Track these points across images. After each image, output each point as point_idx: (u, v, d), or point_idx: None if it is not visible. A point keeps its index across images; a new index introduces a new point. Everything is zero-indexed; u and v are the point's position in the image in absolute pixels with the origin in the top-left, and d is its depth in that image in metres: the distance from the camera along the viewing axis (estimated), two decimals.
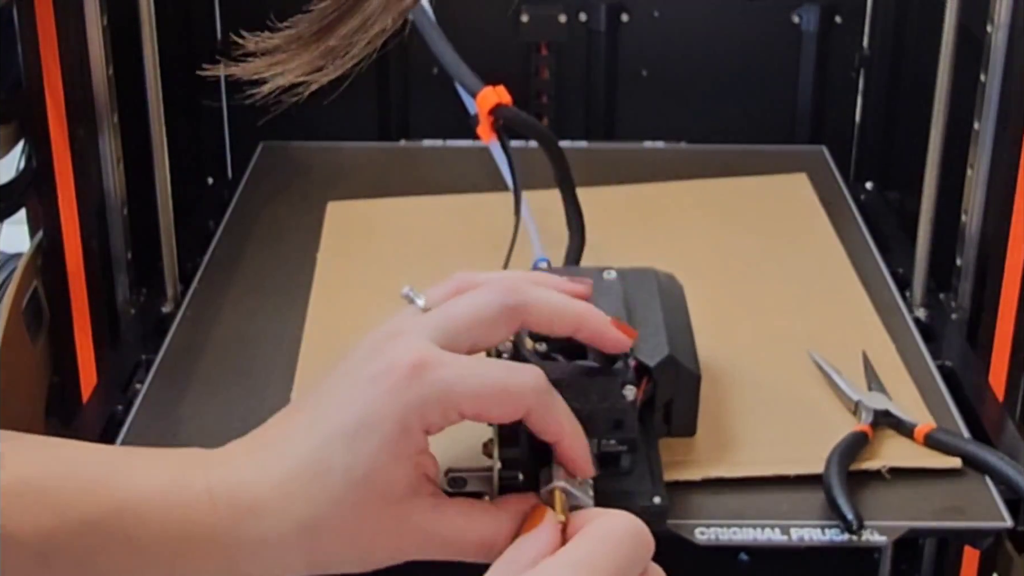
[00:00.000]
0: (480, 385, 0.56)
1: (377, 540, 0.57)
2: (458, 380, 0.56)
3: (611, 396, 0.62)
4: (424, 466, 0.57)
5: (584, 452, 0.59)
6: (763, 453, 0.70)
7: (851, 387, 0.75)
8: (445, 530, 0.57)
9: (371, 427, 0.55)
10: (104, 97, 0.86)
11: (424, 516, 0.57)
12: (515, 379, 0.57)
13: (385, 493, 0.56)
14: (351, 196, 1.01)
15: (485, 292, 0.60)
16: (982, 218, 0.88)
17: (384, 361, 0.56)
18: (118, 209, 0.90)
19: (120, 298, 0.91)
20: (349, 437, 0.55)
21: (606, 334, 0.62)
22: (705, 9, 1.12)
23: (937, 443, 0.71)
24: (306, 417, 0.57)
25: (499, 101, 0.81)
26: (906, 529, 0.66)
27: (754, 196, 1.01)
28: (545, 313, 0.60)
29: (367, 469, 0.55)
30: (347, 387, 0.57)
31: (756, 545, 0.65)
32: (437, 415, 0.56)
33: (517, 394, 0.57)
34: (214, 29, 1.13)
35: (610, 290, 0.69)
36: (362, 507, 0.56)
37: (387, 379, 0.56)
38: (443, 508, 0.58)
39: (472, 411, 0.56)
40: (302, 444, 0.56)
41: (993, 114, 0.86)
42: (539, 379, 0.57)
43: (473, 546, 0.57)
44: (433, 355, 0.56)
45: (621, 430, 0.62)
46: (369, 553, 0.57)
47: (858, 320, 0.84)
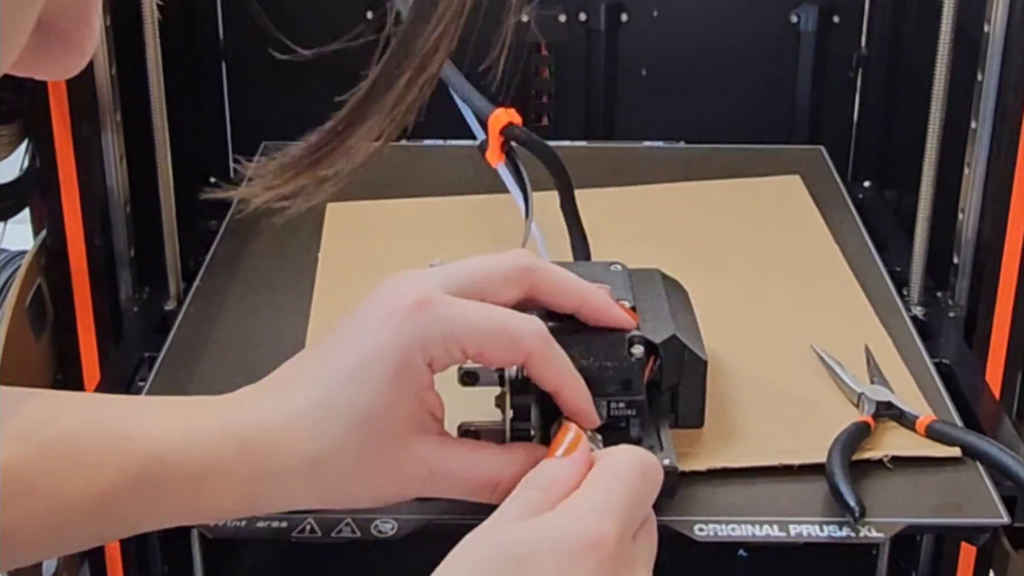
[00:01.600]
0: (482, 322, 0.58)
1: (383, 474, 0.58)
2: (460, 316, 0.57)
3: (619, 355, 0.63)
4: (429, 404, 0.59)
5: (586, 399, 0.60)
6: (766, 444, 0.71)
7: (853, 379, 0.75)
8: (450, 466, 0.58)
9: (375, 362, 0.57)
10: (107, 96, 0.87)
11: (430, 452, 0.58)
12: (516, 321, 0.59)
13: (390, 428, 0.57)
14: (351, 196, 1.01)
15: (500, 254, 0.62)
16: (979, 217, 0.89)
17: (390, 302, 0.58)
18: (121, 207, 0.90)
19: (123, 296, 0.92)
20: (353, 373, 0.57)
21: (608, 312, 0.63)
22: (704, 9, 1.13)
23: (938, 434, 0.71)
24: (313, 358, 0.59)
25: (510, 121, 0.82)
26: (904, 525, 0.66)
27: (748, 198, 1.01)
28: (553, 281, 0.62)
29: (371, 404, 0.57)
30: (354, 328, 0.59)
31: (755, 541, 0.66)
32: (439, 349, 0.57)
33: (518, 335, 0.58)
34: (216, 28, 1.14)
35: (616, 279, 0.70)
36: (367, 442, 0.57)
37: (391, 317, 0.57)
38: (449, 445, 0.59)
39: (474, 348, 0.58)
40: (309, 382, 0.58)
41: (990, 113, 0.87)
42: (540, 326, 0.59)
43: (478, 484, 0.59)
44: (437, 295, 0.58)
45: (629, 391, 0.63)
46: (376, 488, 0.59)
47: (855, 318, 0.84)
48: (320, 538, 0.65)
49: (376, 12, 1.13)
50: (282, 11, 1.14)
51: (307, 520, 0.66)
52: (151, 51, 0.87)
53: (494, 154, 0.83)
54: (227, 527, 0.66)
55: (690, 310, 0.73)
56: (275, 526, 0.66)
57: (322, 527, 0.66)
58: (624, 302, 0.66)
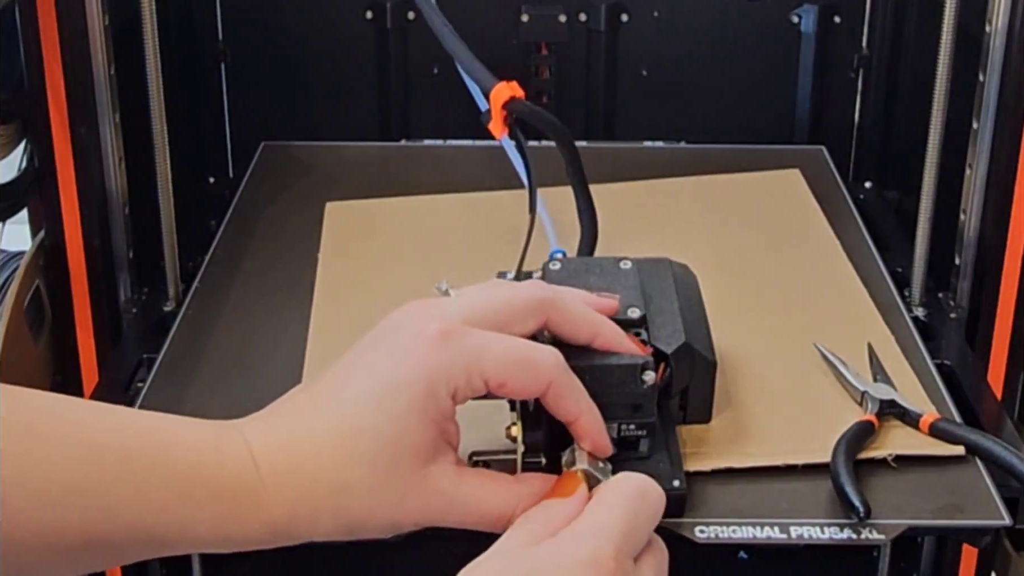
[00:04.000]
0: (504, 352, 0.58)
1: (404, 503, 0.58)
2: (484, 347, 0.58)
3: (630, 381, 0.63)
4: (449, 434, 0.59)
5: (601, 429, 0.61)
6: (770, 444, 0.71)
7: (857, 378, 0.75)
8: (467, 497, 0.59)
9: (399, 389, 0.57)
10: (106, 97, 0.87)
11: (448, 481, 0.59)
12: (538, 351, 0.59)
13: (412, 455, 0.57)
14: (352, 196, 1.01)
15: (518, 284, 0.63)
16: (980, 217, 0.89)
17: (412, 330, 0.58)
18: (120, 208, 0.90)
19: (122, 297, 0.92)
20: (378, 399, 0.57)
21: (620, 347, 0.63)
22: (704, 9, 1.13)
23: (942, 432, 0.71)
24: (335, 382, 0.59)
25: (512, 95, 0.82)
26: (905, 527, 0.66)
27: (748, 192, 1.01)
28: (570, 313, 0.62)
29: (396, 431, 0.57)
30: (375, 353, 0.59)
31: (756, 543, 0.65)
32: (463, 380, 0.58)
33: (540, 365, 0.59)
34: (215, 28, 1.14)
35: (627, 279, 0.70)
36: (391, 468, 0.57)
37: (415, 345, 0.58)
38: (466, 476, 0.60)
39: (496, 378, 0.58)
40: (333, 408, 0.58)
41: (991, 114, 0.86)
42: (559, 357, 0.60)
43: (492, 516, 0.59)
44: (460, 327, 0.58)
45: (640, 414, 0.63)
46: (396, 516, 0.59)
47: (858, 315, 0.84)
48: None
49: (376, 12, 1.13)
50: (282, 11, 1.14)
51: None
52: (150, 51, 0.87)
53: (497, 127, 0.82)
54: None
55: (699, 303, 0.73)
56: None
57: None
58: (635, 309, 0.67)
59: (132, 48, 0.88)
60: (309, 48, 1.14)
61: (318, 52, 1.14)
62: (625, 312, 0.67)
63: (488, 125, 0.83)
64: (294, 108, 1.16)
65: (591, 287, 0.68)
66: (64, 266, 0.86)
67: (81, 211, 0.85)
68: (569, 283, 0.68)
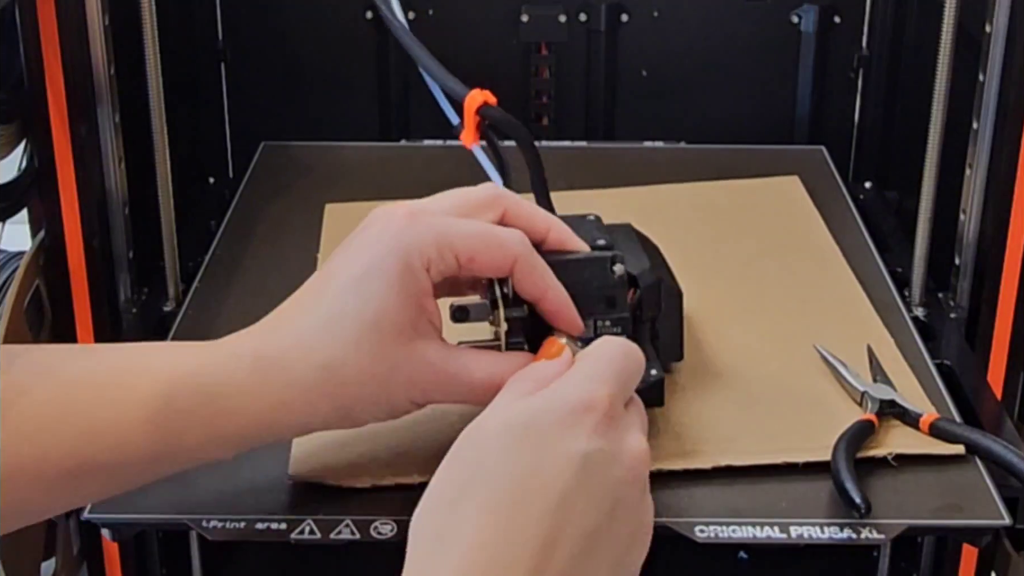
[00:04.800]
0: (471, 229, 0.63)
1: (393, 378, 0.62)
2: (451, 224, 0.63)
3: (602, 274, 0.67)
4: (429, 311, 0.63)
5: (569, 306, 0.65)
6: (770, 443, 0.71)
7: (856, 378, 0.75)
8: (455, 367, 0.62)
9: (376, 270, 0.61)
10: (106, 97, 0.87)
11: (435, 354, 0.62)
12: (502, 230, 0.64)
13: (396, 331, 0.61)
14: (352, 196, 1.01)
15: (472, 187, 0.67)
16: (980, 217, 0.89)
17: (381, 221, 0.63)
18: (120, 208, 0.90)
19: (122, 297, 0.92)
20: (357, 283, 0.61)
21: (572, 239, 0.68)
22: (704, 10, 1.13)
23: (942, 432, 0.71)
24: (317, 281, 0.64)
25: (485, 101, 0.83)
26: (905, 527, 0.66)
27: (747, 199, 1.01)
28: (524, 207, 0.66)
29: (377, 309, 0.61)
30: (350, 249, 0.63)
31: (756, 543, 0.65)
32: (434, 252, 0.62)
33: (505, 241, 0.63)
34: (215, 28, 1.14)
35: (593, 226, 0.73)
36: (376, 346, 0.61)
37: (386, 231, 0.62)
38: (452, 349, 0.64)
39: (465, 253, 0.62)
40: (317, 301, 0.63)
41: (991, 114, 0.87)
42: (523, 235, 0.64)
43: (481, 384, 0.62)
44: (425, 209, 0.63)
45: (614, 308, 0.67)
46: (389, 393, 0.62)
47: (857, 317, 0.84)
48: (319, 540, 0.65)
49: (376, 12, 1.13)
50: (282, 11, 1.14)
51: (306, 522, 0.66)
52: (150, 51, 0.87)
53: (469, 136, 0.84)
54: (226, 528, 0.66)
55: (662, 257, 0.77)
56: (274, 527, 0.66)
57: (321, 529, 0.66)
58: (602, 240, 0.70)
59: (132, 48, 0.88)
60: (309, 48, 1.15)
61: (318, 52, 1.14)
62: (593, 243, 0.70)
63: (460, 135, 0.85)
64: (294, 108, 1.16)
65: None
66: (64, 266, 0.86)
67: (81, 211, 0.85)
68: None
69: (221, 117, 1.16)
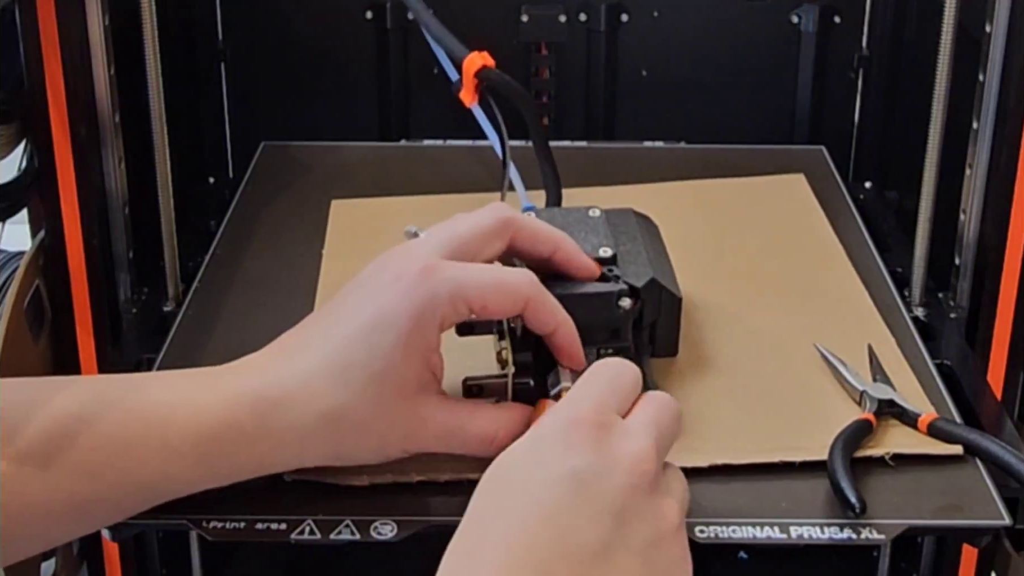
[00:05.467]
0: (482, 278, 0.64)
1: (391, 431, 0.63)
2: (463, 276, 0.63)
3: (608, 308, 0.69)
4: (434, 365, 0.64)
5: (576, 341, 0.66)
6: (768, 441, 0.71)
7: (856, 378, 0.75)
8: (451, 422, 0.64)
9: (387, 325, 0.62)
10: (106, 97, 0.87)
11: (433, 409, 0.64)
12: (512, 275, 0.65)
13: (400, 387, 0.62)
14: (352, 196, 1.01)
15: (480, 211, 0.67)
16: (980, 217, 0.89)
17: (395, 270, 0.63)
18: (120, 208, 0.90)
19: (122, 297, 0.92)
20: (367, 335, 0.62)
21: (578, 258, 0.70)
22: (704, 10, 1.13)
23: (940, 432, 0.71)
24: (324, 323, 0.64)
25: (484, 64, 0.85)
26: (904, 527, 0.66)
27: (752, 197, 1.01)
28: (531, 229, 0.68)
29: (384, 364, 0.62)
30: (362, 294, 0.64)
31: (756, 543, 0.65)
32: (448, 308, 0.63)
33: (515, 285, 0.64)
34: (216, 28, 1.14)
35: (597, 225, 0.75)
36: (379, 400, 0.62)
37: (399, 283, 0.63)
38: (449, 403, 0.65)
39: (479, 303, 0.63)
40: (323, 345, 0.63)
41: (991, 113, 0.86)
42: (532, 276, 0.65)
43: (476, 438, 0.64)
44: (438, 261, 0.64)
45: (617, 339, 0.70)
46: (384, 443, 0.64)
47: (858, 316, 0.84)
48: (319, 540, 0.65)
49: (376, 12, 1.13)
50: (282, 11, 1.14)
51: (306, 522, 0.66)
52: (150, 51, 0.87)
53: (468, 95, 0.86)
54: (226, 529, 0.66)
55: (662, 249, 0.79)
56: (274, 528, 0.66)
57: (321, 529, 0.65)
58: (606, 249, 0.72)
59: (132, 48, 0.88)
60: (309, 48, 1.14)
61: (318, 52, 1.14)
62: (597, 252, 0.72)
63: (459, 94, 0.87)
64: (294, 108, 1.16)
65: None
66: (64, 266, 0.86)
67: (81, 211, 0.85)
68: None
69: (221, 117, 1.15)
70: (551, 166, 0.89)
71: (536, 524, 0.53)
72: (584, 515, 0.53)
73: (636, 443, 0.56)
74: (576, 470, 0.54)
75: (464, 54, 0.86)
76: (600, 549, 0.53)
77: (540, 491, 0.54)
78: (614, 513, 0.54)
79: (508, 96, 0.87)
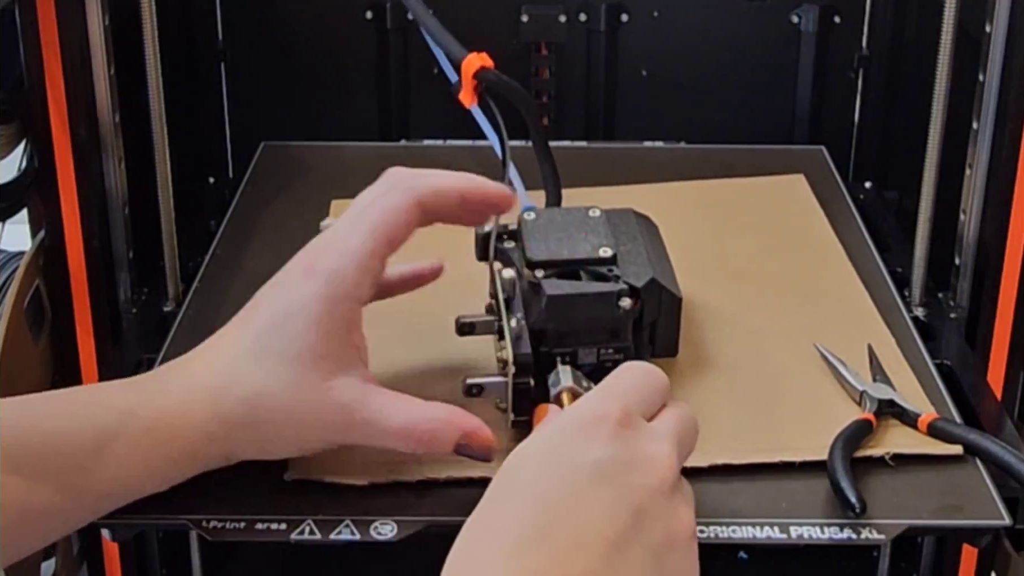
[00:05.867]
0: (372, 233, 0.66)
1: (311, 418, 0.64)
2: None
3: (609, 309, 0.69)
4: (356, 344, 0.65)
5: (484, 184, 0.69)
6: (768, 441, 0.71)
7: (856, 378, 0.75)
8: (367, 411, 0.64)
9: (300, 310, 0.64)
10: (106, 97, 0.87)
11: (352, 394, 0.64)
12: (392, 208, 0.68)
13: (319, 369, 0.63)
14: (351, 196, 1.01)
15: (382, 198, 0.68)
16: (980, 218, 0.89)
17: (304, 261, 0.67)
18: (120, 208, 0.90)
19: (122, 297, 0.91)
20: (282, 321, 0.64)
21: (489, 190, 0.70)
22: (704, 10, 1.13)
23: (940, 432, 0.71)
24: (244, 317, 0.67)
25: (482, 65, 0.84)
26: (904, 527, 0.66)
27: (752, 197, 1.01)
28: (434, 189, 0.69)
29: (300, 345, 0.63)
30: (277, 288, 0.67)
31: (755, 543, 0.65)
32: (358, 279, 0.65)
33: (399, 211, 0.67)
34: (216, 28, 1.14)
35: (597, 225, 0.75)
36: (298, 382, 0.63)
37: (310, 272, 0.66)
38: (370, 390, 0.65)
39: (383, 254, 0.67)
40: (243, 336, 0.65)
41: (991, 114, 0.86)
42: (400, 183, 0.69)
43: (395, 428, 0.64)
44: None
45: (618, 339, 0.70)
46: (304, 432, 0.65)
47: (858, 316, 0.84)
48: (319, 540, 0.65)
49: (376, 12, 1.13)
50: (282, 11, 1.14)
51: (306, 522, 0.66)
52: (150, 51, 0.87)
53: (467, 96, 0.85)
54: (227, 529, 0.65)
55: (663, 249, 0.78)
56: (274, 528, 0.66)
57: (321, 528, 0.65)
58: (606, 249, 0.73)
59: (132, 48, 0.88)
60: (309, 48, 1.14)
61: (318, 52, 1.14)
62: (597, 251, 0.72)
63: (459, 95, 0.86)
64: (294, 108, 1.16)
65: (565, 235, 0.74)
66: (64, 266, 0.86)
67: (81, 211, 0.85)
68: (545, 232, 0.74)
69: (221, 117, 1.15)
70: (551, 166, 0.89)
71: (554, 508, 0.53)
72: (603, 506, 0.53)
73: (660, 447, 0.57)
74: (598, 462, 0.54)
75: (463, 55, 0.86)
76: (616, 542, 0.53)
77: (560, 477, 0.54)
78: (632, 510, 0.54)
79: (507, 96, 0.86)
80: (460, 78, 0.86)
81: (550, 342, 0.69)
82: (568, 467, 0.54)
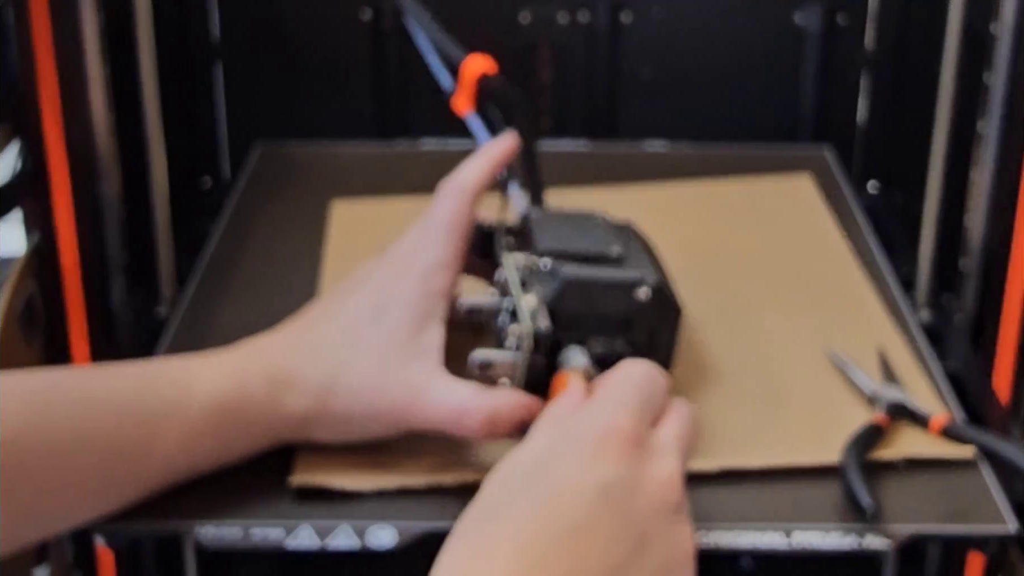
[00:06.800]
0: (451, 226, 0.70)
1: (389, 398, 0.65)
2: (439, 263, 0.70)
3: (626, 298, 0.69)
4: (439, 339, 0.67)
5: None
6: (778, 445, 0.70)
7: (866, 380, 0.74)
8: (430, 395, 0.65)
9: (394, 306, 0.67)
10: (100, 97, 0.86)
11: (416, 376, 0.65)
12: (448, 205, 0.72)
13: (402, 354, 0.65)
14: (350, 196, 1.01)
15: (443, 199, 0.72)
16: (986, 219, 0.88)
17: (396, 262, 0.69)
18: (114, 210, 0.89)
19: (116, 300, 0.91)
20: (374, 317, 0.66)
21: (497, 150, 0.75)
22: (706, 9, 1.12)
23: (954, 435, 0.70)
24: (332, 300, 0.69)
25: (484, 72, 0.81)
26: (910, 534, 0.65)
27: (758, 196, 1.00)
28: (479, 182, 0.73)
29: (388, 335, 0.66)
30: (362, 286, 0.69)
31: (758, 549, 0.65)
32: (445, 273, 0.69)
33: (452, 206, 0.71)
34: (211, 27, 1.13)
35: (602, 228, 0.75)
36: (380, 366, 0.65)
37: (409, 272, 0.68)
38: (450, 377, 0.66)
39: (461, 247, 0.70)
40: (329, 324, 0.68)
41: (997, 115, 0.86)
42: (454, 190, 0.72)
43: (451, 412, 0.64)
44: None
45: (631, 331, 0.69)
46: (380, 413, 0.66)
47: (868, 318, 0.84)
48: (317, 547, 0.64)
49: (375, 13, 1.12)
50: (279, 11, 1.13)
51: (304, 528, 0.65)
52: (144, 51, 0.86)
53: (464, 102, 0.82)
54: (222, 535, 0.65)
55: (663, 263, 0.77)
56: (271, 534, 0.65)
57: (319, 534, 0.65)
58: (615, 247, 0.72)
59: (126, 48, 0.87)
60: (306, 48, 1.14)
61: (315, 51, 1.14)
62: (606, 248, 0.71)
63: (454, 102, 0.83)
64: (291, 108, 1.15)
65: (573, 232, 0.74)
66: (57, 269, 0.85)
67: (75, 213, 0.84)
68: (552, 227, 0.74)
69: (217, 117, 1.15)
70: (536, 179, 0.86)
71: (554, 532, 0.51)
72: (607, 532, 0.51)
73: (667, 466, 0.55)
74: (605, 483, 0.53)
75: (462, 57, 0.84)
76: (616, 569, 0.51)
77: (563, 497, 0.52)
78: (636, 535, 0.52)
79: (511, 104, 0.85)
80: (455, 83, 0.84)
81: (561, 327, 0.67)
82: (571, 486, 0.52)
